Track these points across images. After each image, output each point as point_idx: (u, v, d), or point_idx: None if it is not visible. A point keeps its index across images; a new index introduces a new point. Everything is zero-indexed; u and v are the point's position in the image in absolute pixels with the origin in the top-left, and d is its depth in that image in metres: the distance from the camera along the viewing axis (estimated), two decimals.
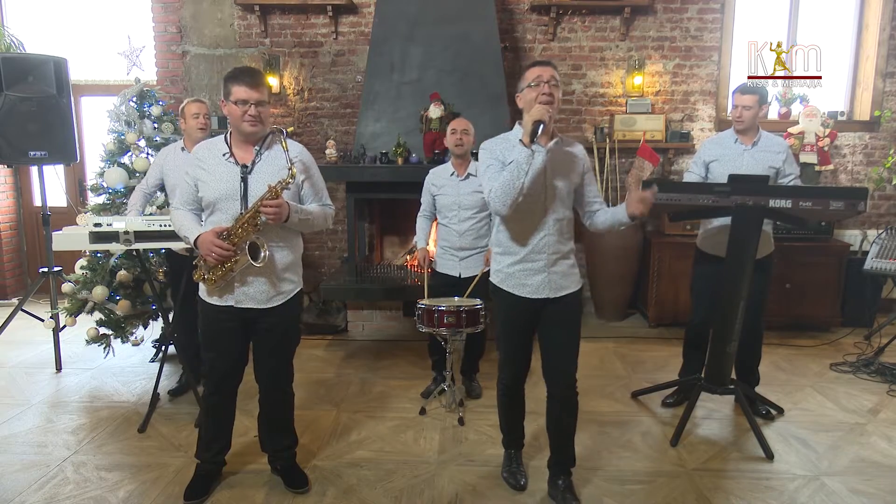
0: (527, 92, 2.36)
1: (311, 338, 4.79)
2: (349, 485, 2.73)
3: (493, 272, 2.54)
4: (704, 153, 3.42)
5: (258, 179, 2.41)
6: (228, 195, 2.40)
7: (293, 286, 2.57)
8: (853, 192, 2.89)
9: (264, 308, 2.49)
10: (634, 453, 3.03)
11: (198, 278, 2.49)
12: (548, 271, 2.42)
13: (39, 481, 2.75)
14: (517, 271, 2.44)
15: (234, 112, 2.37)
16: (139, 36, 4.85)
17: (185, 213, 2.50)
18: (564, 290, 2.45)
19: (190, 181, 2.46)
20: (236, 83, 2.35)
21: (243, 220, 2.36)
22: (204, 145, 2.51)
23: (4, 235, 5.85)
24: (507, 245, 2.45)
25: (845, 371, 4.10)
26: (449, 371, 3.46)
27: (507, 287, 2.47)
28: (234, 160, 2.43)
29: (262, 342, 2.58)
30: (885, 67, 5.25)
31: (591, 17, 5.25)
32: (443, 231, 3.61)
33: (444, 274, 3.60)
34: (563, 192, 2.40)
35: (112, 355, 4.15)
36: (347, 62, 5.33)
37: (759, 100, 3.24)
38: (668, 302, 4.96)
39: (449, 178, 3.53)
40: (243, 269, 2.39)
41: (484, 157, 2.45)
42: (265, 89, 2.41)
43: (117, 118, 4.23)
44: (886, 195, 5.44)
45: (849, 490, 2.71)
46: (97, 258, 4.04)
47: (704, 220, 3.44)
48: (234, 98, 2.35)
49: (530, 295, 2.43)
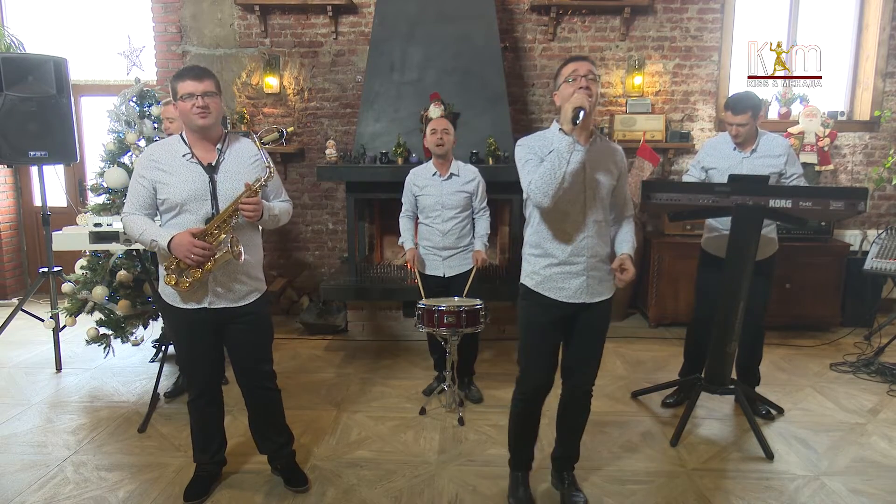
0: (564, 88, 2.26)
1: (311, 338, 4.80)
2: (349, 485, 2.73)
3: (528, 274, 2.41)
4: (704, 158, 3.41)
5: (225, 178, 2.40)
6: (197, 196, 2.36)
7: (262, 283, 2.59)
8: (853, 192, 2.89)
9: (237, 307, 2.47)
10: (634, 453, 3.03)
11: (171, 283, 2.40)
12: (587, 275, 2.33)
13: (39, 481, 2.75)
14: (555, 274, 2.33)
15: (184, 108, 2.34)
16: (139, 36, 4.85)
17: (142, 217, 2.40)
18: (600, 295, 2.37)
19: (146, 184, 2.37)
20: (181, 80, 2.34)
21: (220, 220, 2.34)
22: (158, 147, 2.46)
23: (4, 235, 5.85)
24: (546, 246, 2.34)
25: (845, 371, 4.10)
26: (449, 371, 3.46)
27: (542, 290, 2.35)
28: (196, 160, 2.40)
29: (238, 342, 2.54)
30: (885, 67, 5.24)
31: (591, 17, 5.25)
32: (425, 231, 3.60)
33: (429, 275, 3.60)
34: (603, 189, 2.32)
35: (112, 355, 4.15)
36: (347, 62, 5.33)
37: (753, 114, 3.17)
38: (668, 302, 4.96)
39: (431, 178, 3.52)
40: (216, 269, 2.37)
41: (521, 153, 2.34)
42: (212, 82, 2.37)
43: (117, 118, 4.23)
44: (886, 195, 5.44)
45: (849, 490, 2.71)
46: (97, 258, 4.04)
47: (709, 222, 3.43)
48: (181, 93, 2.33)
49: (567, 299, 2.33)
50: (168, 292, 2.46)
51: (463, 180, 3.52)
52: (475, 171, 3.59)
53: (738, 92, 3.32)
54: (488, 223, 3.61)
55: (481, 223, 3.60)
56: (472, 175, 3.56)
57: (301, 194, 5.46)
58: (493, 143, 4.49)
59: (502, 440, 3.10)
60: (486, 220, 3.60)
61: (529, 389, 2.44)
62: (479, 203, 3.58)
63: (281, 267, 5.59)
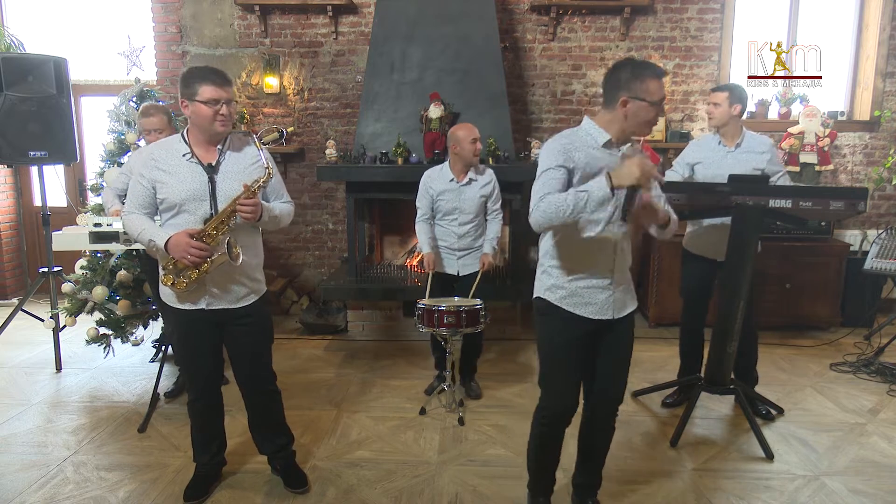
0: (646, 109, 2.02)
1: (311, 338, 4.80)
2: (349, 485, 2.73)
3: (550, 287, 2.21)
4: (688, 154, 3.45)
5: (225, 179, 2.39)
6: (196, 196, 2.36)
7: (261, 285, 2.58)
8: (853, 192, 2.89)
9: (236, 308, 2.47)
10: (634, 453, 3.03)
11: (168, 283, 2.40)
12: (613, 289, 2.18)
13: (39, 481, 2.75)
14: (581, 288, 2.16)
15: (203, 112, 2.31)
16: (139, 36, 4.85)
17: (142, 217, 2.40)
18: (626, 309, 2.24)
19: (146, 183, 2.37)
20: (205, 82, 2.29)
21: (217, 221, 2.34)
22: (158, 146, 2.44)
23: (4, 235, 5.85)
24: (572, 259, 2.16)
25: (845, 371, 4.10)
26: (449, 371, 3.46)
27: (567, 306, 2.17)
28: (196, 160, 2.38)
29: (238, 343, 2.54)
30: (885, 67, 5.24)
31: (591, 17, 5.25)
32: (440, 231, 3.62)
33: (442, 273, 3.62)
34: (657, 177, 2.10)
35: (112, 355, 4.15)
36: (347, 62, 5.33)
37: (730, 97, 3.22)
38: (668, 302, 4.95)
39: (448, 183, 3.52)
40: (213, 270, 2.36)
41: (544, 157, 2.10)
42: (232, 89, 2.39)
43: (117, 118, 4.23)
44: (886, 195, 5.44)
45: (849, 490, 2.71)
46: (97, 258, 4.04)
47: (691, 221, 3.44)
48: (204, 97, 2.30)
49: (594, 315, 2.17)
50: (167, 292, 2.46)
51: (480, 184, 3.54)
52: (491, 172, 3.61)
53: None
54: (500, 226, 3.63)
55: (493, 225, 3.61)
56: (488, 178, 3.58)
57: (301, 194, 5.45)
58: (493, 142, 4.49)
59: (502, 440, 3.11)
60: (498, 223, 3.61)
61: (553, 413, 2.27)
62: (493, 204, 3.59)
63: (281, 267, 5.59)
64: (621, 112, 2.06)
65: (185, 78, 2.34)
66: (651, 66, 2.06)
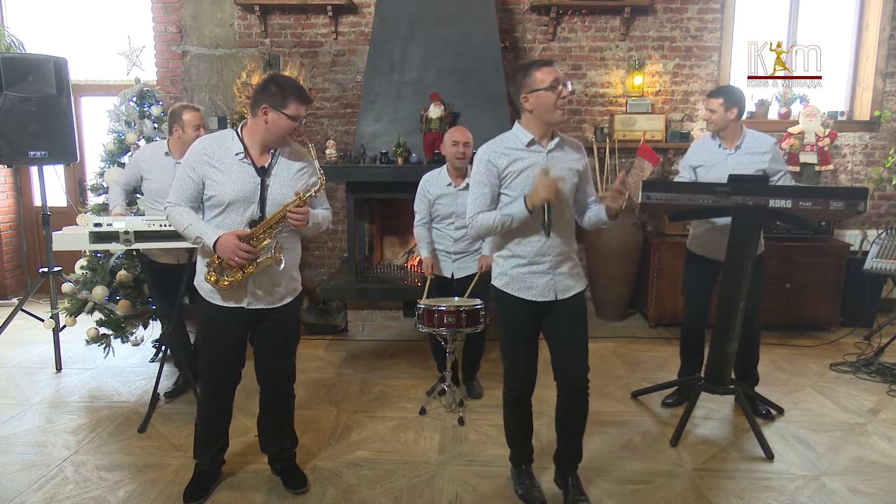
0: (544, 96, 2.27)
1: (311, 338, 4.79)
2: (349, 485, 2.73)
3: (497, 275, 2.48)
4: (691, 157, 3.44)
5: (275, 183, 2.41)
6: (245, 197, 2.37)
7: (298, 284, 2.61)
8: (853, 192, 2.89)
9: (271, 308, 2.50)
10: (634, 453, 3.03)
11: (212, 280, 2.42)
12: (553, 273, 2.39)
13: (39, 481, 2.75)
14: (522, 274, 2.40)
15: (284, 125, 2.34)
16: (139, 36, 4.84)
17: (189, 210, 2.41)
18: (570, 290, 2.43)
19: (195, 177, 2.37)
20: (297, 100, 2.34)
21: (267, 226, 2.36)
22: (212, 142, 2.42)
23: (4, 235, 5.85)
24: (512, 248, 2.41)
25: (845, 371, 4.10)
26: (449, 371, 3.45)
27: (511, 290, 2.42)
28: (249, 160, 2.39)
29: (267, 341, 2.56)
30: (885, 67, 5.24)
31: (591, 17, 5.25)
32: (437, 235, 3.62)
33: (439, 277, 3.61)
34: (564, 193, 2.35)
35: (112, 355, 4.15)
36: (347, 62, 5.33)
37: (724, 103, 3.20)
38: (668, 302, 4.96)
39: (445, 188, 3.51)
40: (257, 272, 2.40)
41: (475, 173, 2.41)
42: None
43: (117, 118, 4.23)
44: (886, 195, 5.44)
45: (849, 490, 2.71)
46: (97, 258, 4.04)
47: (695, 222, 3.44)
48: (292, 113, 2.33)
49: (536, 298, 2.40)
50: (206, 288, 2.47)
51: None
52: None
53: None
54: None
55: None
56: None
57: None
58: None
59: (502, 440, 3.09)
60: None
61: (517, 385, 2.53)
62: None
63: None
64: (528, 109, 2.33)
65: (276, 86, 2.33)
66: (534, 61, 2.36)
